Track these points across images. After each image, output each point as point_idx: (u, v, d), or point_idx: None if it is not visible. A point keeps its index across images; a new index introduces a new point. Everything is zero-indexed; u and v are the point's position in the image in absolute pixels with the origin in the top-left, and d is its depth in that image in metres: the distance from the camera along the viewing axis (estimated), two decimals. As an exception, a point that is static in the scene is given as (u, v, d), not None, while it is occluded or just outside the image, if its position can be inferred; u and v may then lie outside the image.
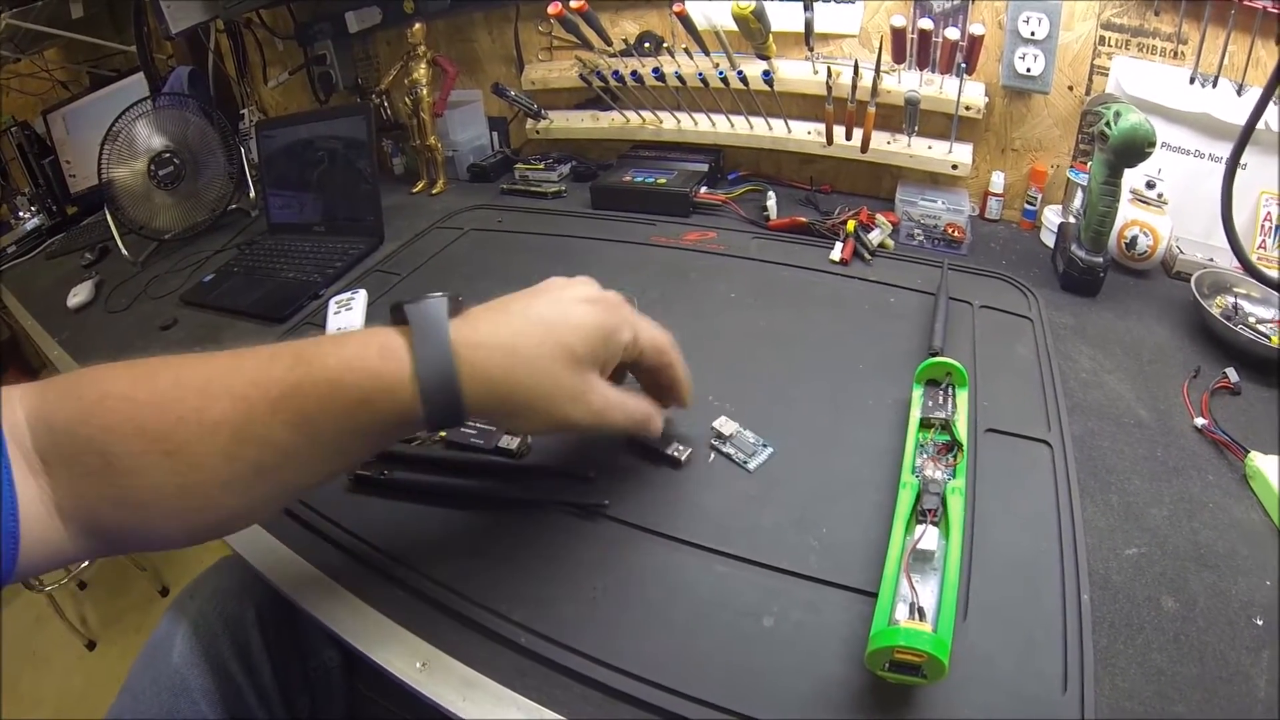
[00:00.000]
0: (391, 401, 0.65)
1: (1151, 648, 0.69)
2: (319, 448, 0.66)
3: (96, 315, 1.73)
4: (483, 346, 0.68)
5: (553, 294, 0.76)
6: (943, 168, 1.49)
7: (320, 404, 0.64)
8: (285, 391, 0.63)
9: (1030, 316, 1.16)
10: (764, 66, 1.56)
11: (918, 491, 0.78)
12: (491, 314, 0.72)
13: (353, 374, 0.64)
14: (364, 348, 0.66)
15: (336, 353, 0.66)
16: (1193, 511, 0.84)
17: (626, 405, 0.79)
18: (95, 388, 0.64)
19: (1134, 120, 1.10)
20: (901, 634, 0.60)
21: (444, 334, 0.67)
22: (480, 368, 0.67)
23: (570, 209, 1.74)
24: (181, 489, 0.62)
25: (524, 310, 0.73)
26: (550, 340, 0.70)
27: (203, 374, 0.65)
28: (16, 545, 0.58)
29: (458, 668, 0.72)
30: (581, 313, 0.73)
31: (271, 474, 0.65)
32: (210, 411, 0.62)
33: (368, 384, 0.64)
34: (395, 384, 0.65)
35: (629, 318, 0.78)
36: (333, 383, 0.64)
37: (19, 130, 2.62)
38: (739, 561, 0.78)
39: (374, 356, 0.65)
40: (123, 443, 0.60)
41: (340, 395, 0.64)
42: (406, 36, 1.89)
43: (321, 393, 0.64)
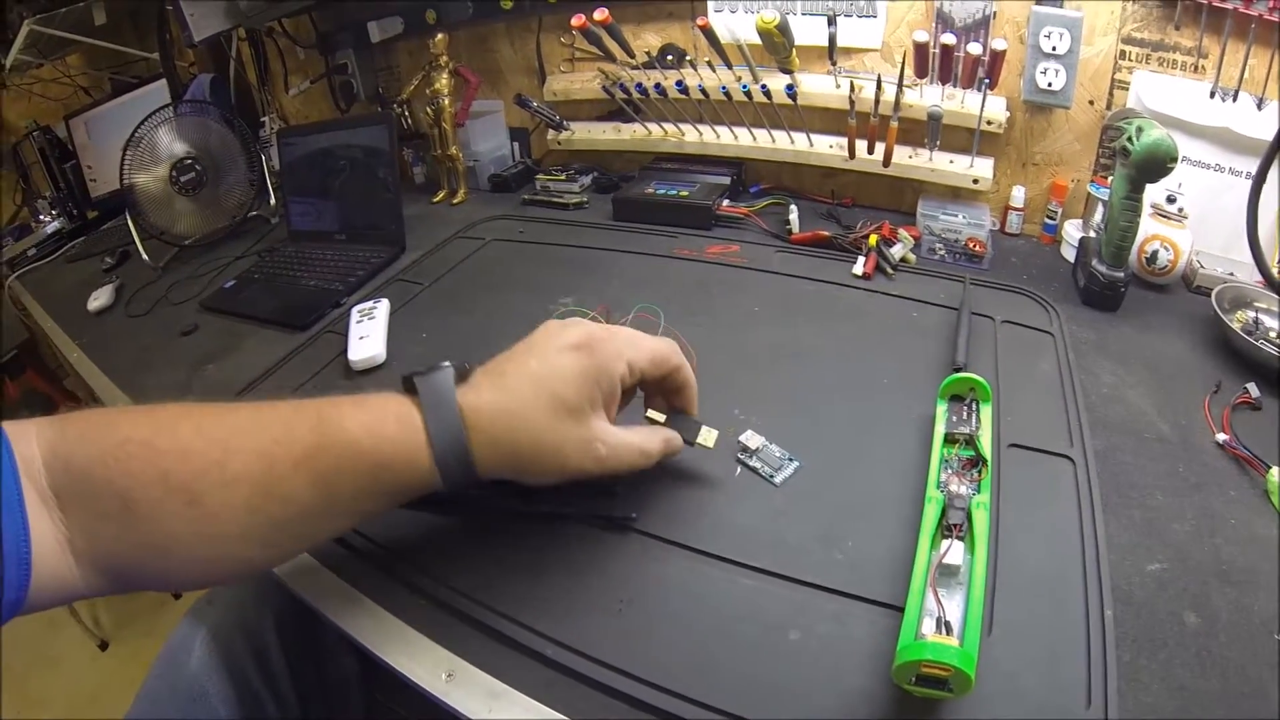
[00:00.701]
0: (409, 468, 0.70)
1: (1174, 663, 0.69)
2: (336, 505, 0.70)
3: (117, 319, 1.75)
4: (487, 413, 0.72)
5: (541, 347, 0.78)
6: (964, 182, 1.49)
7: (340, 465, 0.68)
8: (308, 451, 0.67)
9: (1052, 331, 1.16)
10: (787, 80, 1.56)
11: (943, 506, 0.78)
12: (491, 378, 0.75)
13: (372, 439, 0.69)
14: (382, 413, 0.71)
15: (356, 417, 0.70)
16: (1215, 527, 0.84)
17: (634, 444, 0.80)
18: (116, 432, 0.66)
19: (1156, 135, 1.10)
20: (929, 648, 0.60)
21: (452, 404, 0.71)
22: (487, 433, 0.72)
23: (592, 220, 1.74)
24: (200, 537, 0.64)
25: (518, 370, 0.75)
26: (544, 396, 0.73)
27: (225, 426, 0.68)
28: (29, 573, 0.59)
29: (483, 679, 0.73)
30: (567, 362, 0.75)
31: (288, 528, 0.69)
32: (232, 465, 0.65)
33: (387, 450, 0.69)
34: (413, 452, 0.70)
35: (619, 350, 0.79)
36: (353, 445, 0.68)
37: (41, 134, 2.63)
38: (765, 575, 0.78)
39: (391, 425, 0.70)
40: (143, 489, 0.62)
41: (361, 459, 0.69)
42: (429, 46, 1.89)
43: (342, 454, 0.68)
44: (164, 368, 1.43)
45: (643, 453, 0.81)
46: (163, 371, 1.42)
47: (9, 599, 0.58)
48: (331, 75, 2.33)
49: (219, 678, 0.91)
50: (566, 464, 0.75)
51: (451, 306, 1.41)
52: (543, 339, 0.78)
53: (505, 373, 0.75)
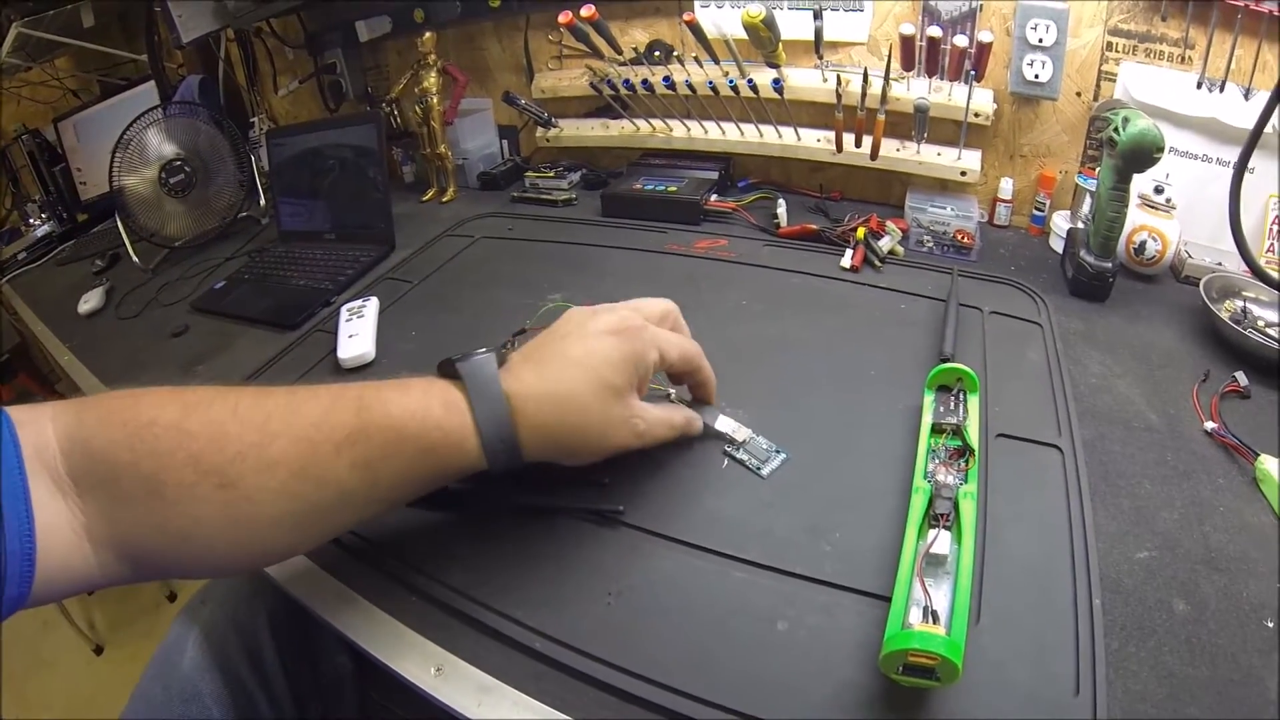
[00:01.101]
0: (457, 453, 0.71)
1: (1163, 650, 0.69)
2: (377, 490, 0.70)
3: (107, 322, 1.74)
4: (532, 398, 0.74)
5: (578, 332, 0.80)
6: (952, 174, 1.50)
7: (385, 450, 0.68)
8: (350, 435, 0.67)
9: (1039, 322, 1.16)
10: (774, 75, 1.57)
11: (930, 496, 0.78)
12: (532, 364, 0.77)
13: (417, 424, 0.69)
14: (426, 398, 0.71)
15: (400, 401, 0.70)
16: (1203, 515, 0.84)
17: (667, 419, 0.86)
18: (140, 414, 0.65)
19: (1142, 126, 1.10)
20: (915, 637, 0.61)
21: (498, 390, 0.73)
22: (533, 417, 0.74)
23: (581, 217, 1.74)
24: (231, 522, 0.64)
25: (559, 355, 0.78)
26: (590, 379, 0.76)
27: (261, 410, 0.67)
28: (33, 567, 0.58)
29: (473, 673, 0.73)
30: (609, 346, 0.78)
31: (326, 513, 0.69)
32: (270, 449, 0.64)
33: (435, 435, 0.70)
34: (460, 438, 0.71)
35: (653, 339, 0.82)
36: (398, 430, 0.69)
37: (30, 138, 2.63)
38: (753, 567, 0.78)
39: (437, 408, 0.71)
40: (173, 472, 0.62)
41: (406, 443, 0.69)
42: (417, 45, 1.89)
43: (387, 439, 0.68)
44: (155, 369, 1.43)
45: (672, 426, 0.87)
46: (154, 373, 1.42)
47: (10, 595, 0.57)
48: (320, 75, 2.32)
49: (212, 678, 0.91)
50: (609, 442, 0.79)
51: (440, 304, 1.41)
52: (578, 325, 0.81)
53: (545, 359, 0.78)
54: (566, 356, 0.77)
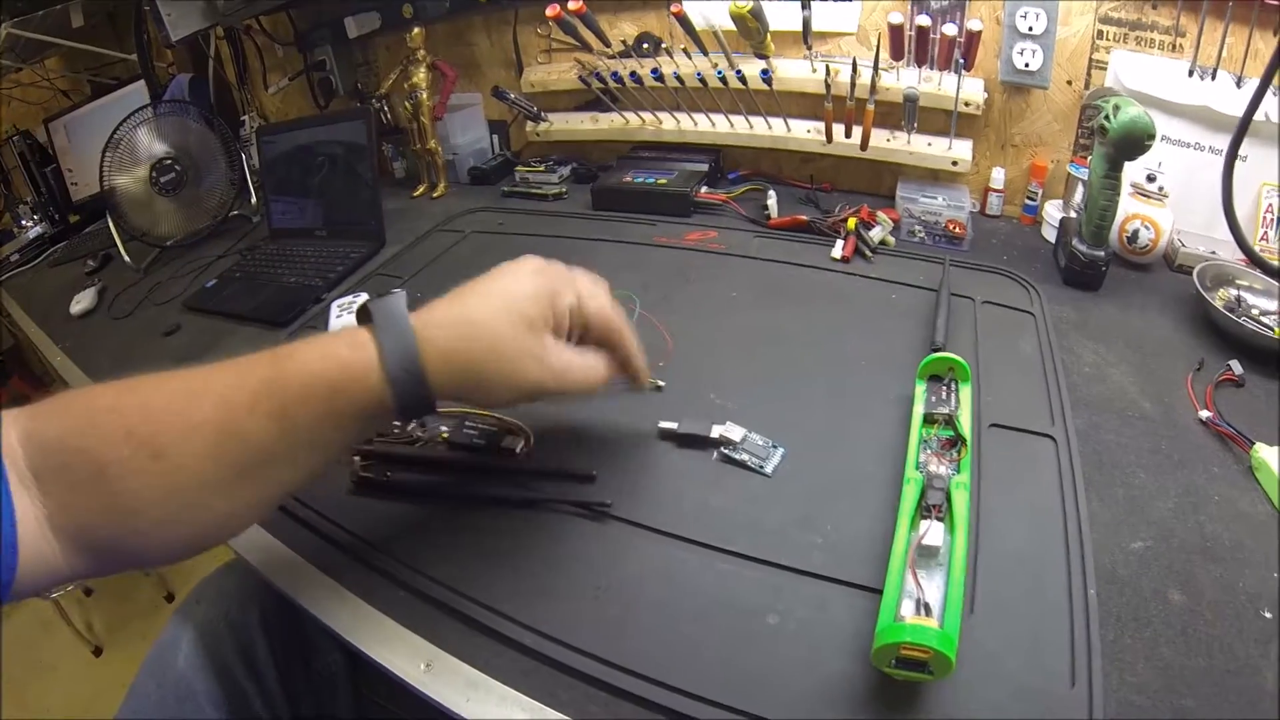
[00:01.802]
0: (362, 388, 0.69)
1: (1159, 641, 0.69)
2: (297, 440, 0.68)
3: (100, 322, 1.73)
4: (442, 326, 0.73)
5: (498, 273, 0.80)
6: (943, 164, 1.49)
7: (296, 396, 0.67)
8: (261, 388, 0.66)
9: (1032, 311, 1.16)
10: (762, 66, 1.56)
11: (922, 487, 0.78)
12: (447, 299, 0.77)
13: (323, 364, 0.68)
14: (333, 342, 0.71)
15: (308, 350, 0.70)
16: (1198, 504, 0.84)
17: (586, 363, 0.82)
18: (84, 402, 0.66)
19: (1133, 113, 1.10)
20: (907, 630, 0.60)
21: (404, 321, 0.72)
22: (441, 345, 0.72)
23: (571, 211, 1.74)
24: (168, 492, 0.63)
25: (475, 289, 0.77)
26: (504, 309, 0.75)
27: (185, 381, 0.68)
28: (15, 554, 0.58)
29: (462, 668, 0.72)
30: (525, 280, 0.78)
31: (254, 472, 0.67)
32: (193, 414, 0.65)
33: (338, 374, 0.68)
34: (364, 371, 0.69)
35: (572, 279, 0.82)
36: (305, 375, 0.68)
37: (20, 139, 2.62)
38: (743, 559, 0.78)
39: (343, 348, 0.70)
40: (112, 449, 0.62)
41: (314, 386, 0.67)
42: (405, 41, 1.88)
43: (296, 386, 0.67)
44: (147, 368, 1.40)
45: (590, 375, 0.82)
46: (146, 371, 1.40)
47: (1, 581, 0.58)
48: (310, 72, 2.32)
49: (207, 677, 0.91)
50: (522, 376, 0.75)
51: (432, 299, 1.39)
52: (503, 268, 0.80)
53: (462, 294, 0.77)
54: (482, 290, 0.77)
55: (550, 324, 0.77)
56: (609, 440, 0.96)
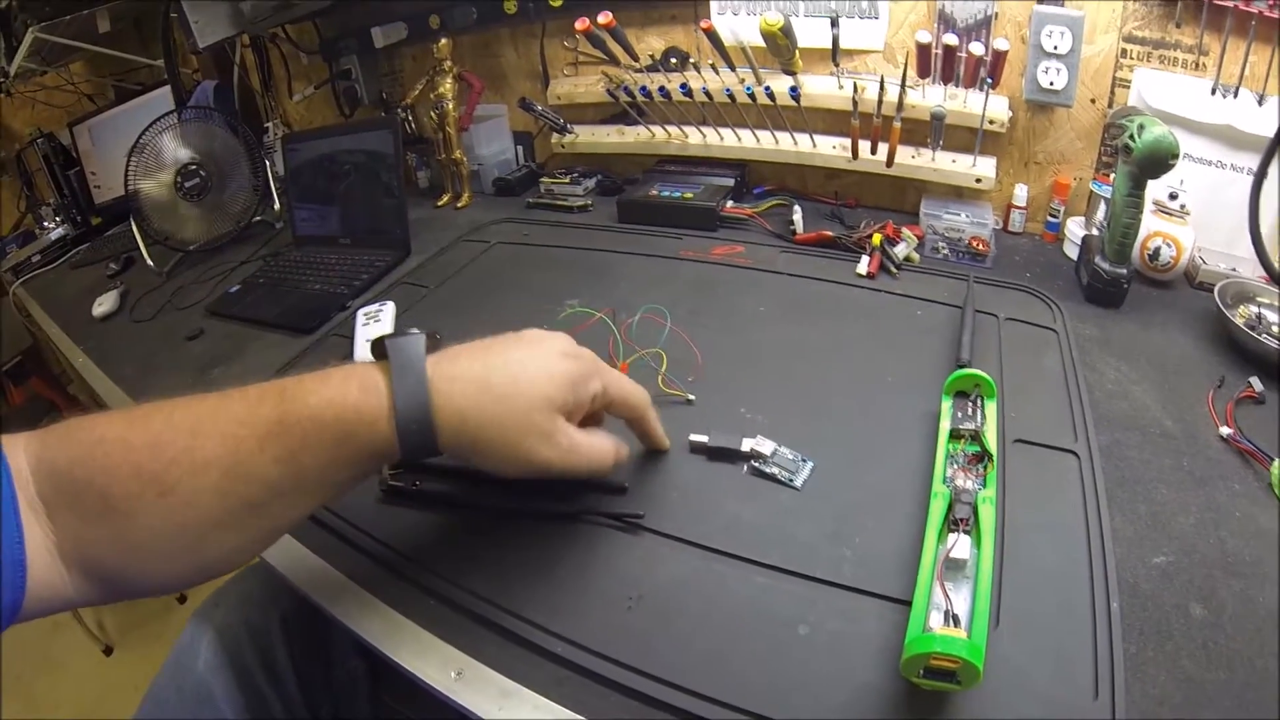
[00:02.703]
0: (371, 434, 0.68)
1: (1181, 655, 0.70)
2: (305, 481, 0.68)
3: (122, 325, 1.75)
4: (458, 380, 0.72)
5: (530, 341, 0.79)
6: (967, 181, 1.50)
7: (304, 439, 0.66)
8: (271, 429, 0.66)
9: (1055, 328, 1.16)
10: (791, 82, 1.57)
11: (949, 501, 0.78)
12: (470, 352, 0.76)
13: (334, 409, 0.67)
14: (345, 383, 0.69)
15: (319, 390, 0.68)
16: (1220, 520, 0.84)
17: (594, 447, 0.81)
18: (91, 432, 0.66)
19: (1158, 133, 1.10)
20: (937, 640, 0.61)
21: (421, 367, 0.70)
22: (456, 403, 0.71)
23: (597, 223, 1.74)
24: (176, 528, 0.64)
25: (503, 352, 0.76)
26: (526, 383, 0.74)
27: (193, 415, 0.67)
28: (24, 574, 0.59)
29: (494, 677, 0.73)
30: (555, 362, 0.77)
31: (261, 509, 0.67)
32: (201, 451, 0.64)
33: (350, 418, 0.68)
34: (374, 416, 0.68)
35: (600, 370, 0.82)
36: (316, 419, 0.67)
37: (45, 141, 2.64)
38: (774, 571, 0.79)
39: (354, 391, 0.68)
40: (120, 484, 0.62)
41: (324, 431, 0.67)
42: (432, 51, 1.89)
43: (306, 429, 0.66)
44: (170, 373, 1.44)
45: (595, 460, 0.81)
46: (168, 376, 1.42)
47: (7, 601, 0.58)
48: (335, 80, 2.34)
49: (225, 679, 0.92)
50: (528, 450, 0.74)
51: (457, 309, 1.42)
52: (533, 336, 0.80)
53: (489, 351, 0.76)
54: (511, 355, 0.76)
55: (568, 408, 0.77)
56: (639, 451, 0.97)
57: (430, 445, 0.70)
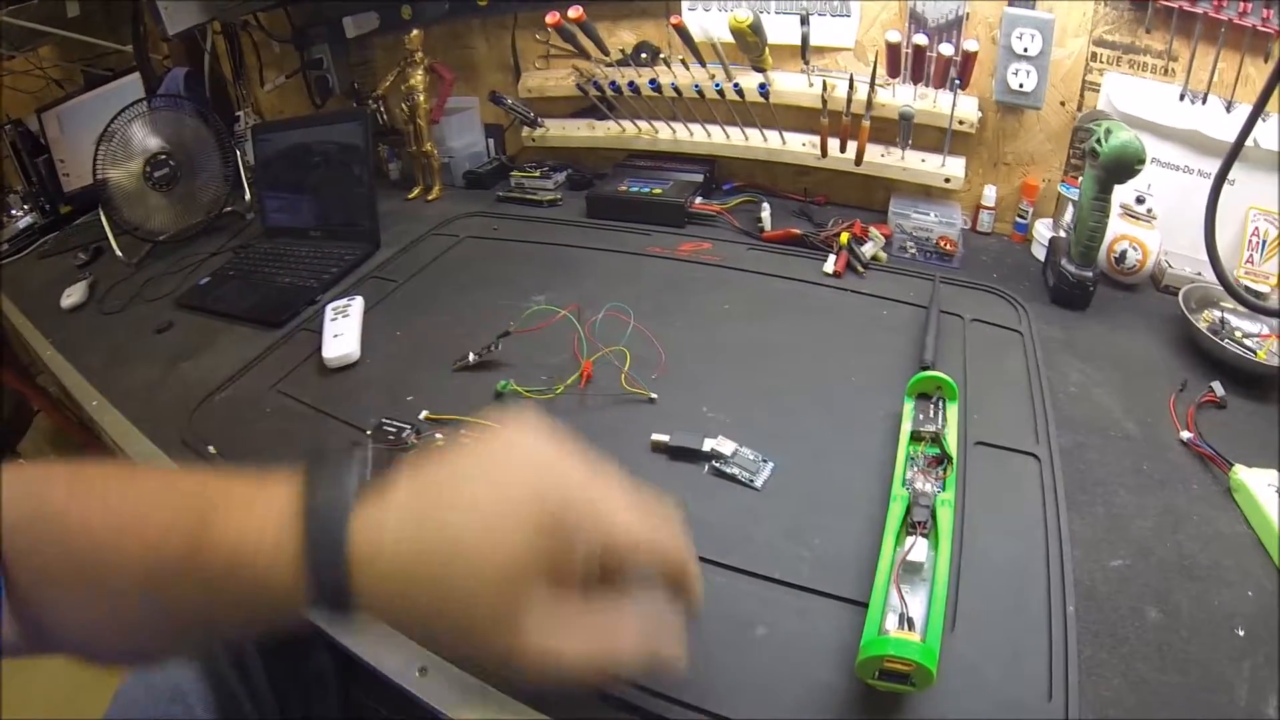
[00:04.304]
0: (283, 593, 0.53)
1: (1135, 657, 0.71)
2: (218, 614, 0.58)
3: (91, 316, 1.72)
4: (381, 557, 0.52)
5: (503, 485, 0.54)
6: (936, 181, 1.51)
7: (213, 584, 0.55)
8: (185, 561, 0.54)
9: (1020, 330, 1.18)
10: (760, 79, 1.57)
11: (908, 504, 0.79)
12: (409, 501, 0.54)
13: (244, 559, 0.54)
14: (261, 534, 0.54)
15: (238, 527, 0.54)
16: (1177, 524, 0.85)
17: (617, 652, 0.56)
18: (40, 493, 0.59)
19: (1125, 138, 1.11)
20: (891, 644, 0.61)
21: (340, 539, 0.52)
22: (376, 583, 0.52)
23: (566, 218, 1.74)
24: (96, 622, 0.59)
25: (459, 484, 0.55)
26: (474, 551, 0.51)
27: (131, 503, 0.59)
28: None
29: (456, 674, 0.73)
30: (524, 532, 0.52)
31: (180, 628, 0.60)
32: (125, 560, 0.56)
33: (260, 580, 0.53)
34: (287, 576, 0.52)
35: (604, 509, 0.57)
36: (226, 566, 0.54)
37: (12, 128, 2.60)
38: (732, 571, 0.79)
39: (269, 548, 0.53)
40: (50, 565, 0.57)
41: (232, 581, 0.54)
42: (404, 42, 1.88)
43: (215, 572, 0.54)
44: (138, 365, 1.42)
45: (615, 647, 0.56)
46: (137, 369, 1.41)
47: None
48: (307, 70, 2.31)
49: (195, 677, 0.91)
50: (488, 648, 0.53)
51: (426, 304, 1.41)
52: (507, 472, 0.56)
53: (436, 484, 0.55)
54: (458, 492, 0.54)
55: (556, 577, 0.53)
56: (601, 451, 0.95)
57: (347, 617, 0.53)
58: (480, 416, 1.02)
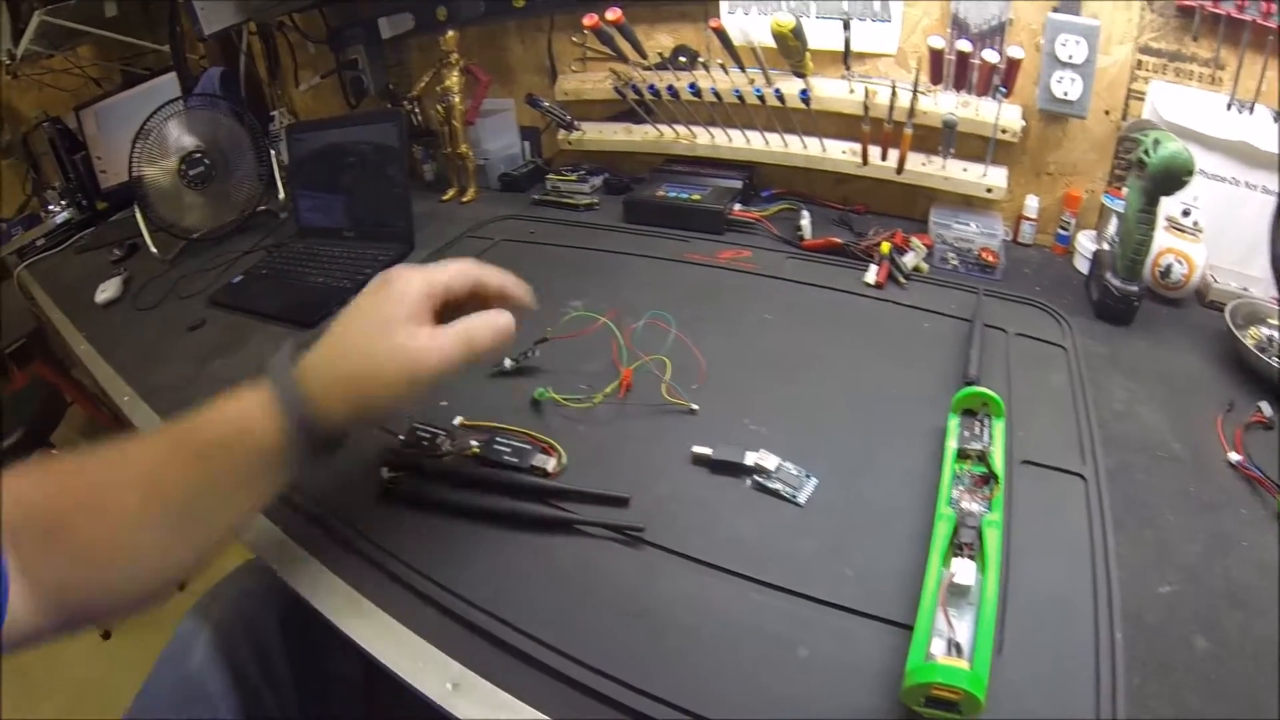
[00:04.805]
0: (262, 426, 0.74)
1: (1183, 687, 0.69)
2: (214, 483, 0.74)
3: (124, 312, 1.75)
4: (316, 354, 0.79)
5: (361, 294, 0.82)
6: (977, 190, 1.48)
7: (207, 441, 0.74)
8: (176, 441, 0.75)
9: (1064, 345, 1.15)
10: (801, 85, 1.55)
11: (954, 524, 0.78)
12: (323, 343, 0.80)
13: (224, 410, 0.75)
14: (232, 395, 0.76)
15: (212, 406, 0.76)
16: (1226, 549, 0.83)
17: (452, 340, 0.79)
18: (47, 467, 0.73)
19: (1173, 148, 1.09)
20: (939, 670, 0.60)
21: (286, 360, 0.78)
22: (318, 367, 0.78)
23: (603, 222, 1.73)
24: (111, 540, 0.69)
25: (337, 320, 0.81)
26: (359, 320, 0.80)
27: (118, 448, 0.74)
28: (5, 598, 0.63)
29: (489, 690, 0.72)
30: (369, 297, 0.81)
31: (181, 518, 0.73)
32: (126, 472, 0.73)
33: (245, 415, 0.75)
34: (261, 407, 0.75)
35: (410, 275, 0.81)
36: (213, 422, 0.75)
37: (50, 125, 2.64)
38: (775, 590, 0.78)
39: (249, 398, 0.76)
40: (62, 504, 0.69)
41: (221, 429, 0.75)
42: (439, 44, 1.89)
43: (205, 433, 0.75)
44: (171, 362, 1.43)
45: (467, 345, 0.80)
46: (169, 366, 1.42)
47: None
48: (342, 71, 2.32)
49: (221, 677, 0.92)
50: (390, 372, 0.76)
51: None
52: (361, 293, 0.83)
53: (333, 325, 0.81)
54: (342, 317, 0.81)
55: (407, 316, 0.78)
56: (641, 462, 0.96)
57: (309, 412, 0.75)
58: (517, 425, 1.02)
